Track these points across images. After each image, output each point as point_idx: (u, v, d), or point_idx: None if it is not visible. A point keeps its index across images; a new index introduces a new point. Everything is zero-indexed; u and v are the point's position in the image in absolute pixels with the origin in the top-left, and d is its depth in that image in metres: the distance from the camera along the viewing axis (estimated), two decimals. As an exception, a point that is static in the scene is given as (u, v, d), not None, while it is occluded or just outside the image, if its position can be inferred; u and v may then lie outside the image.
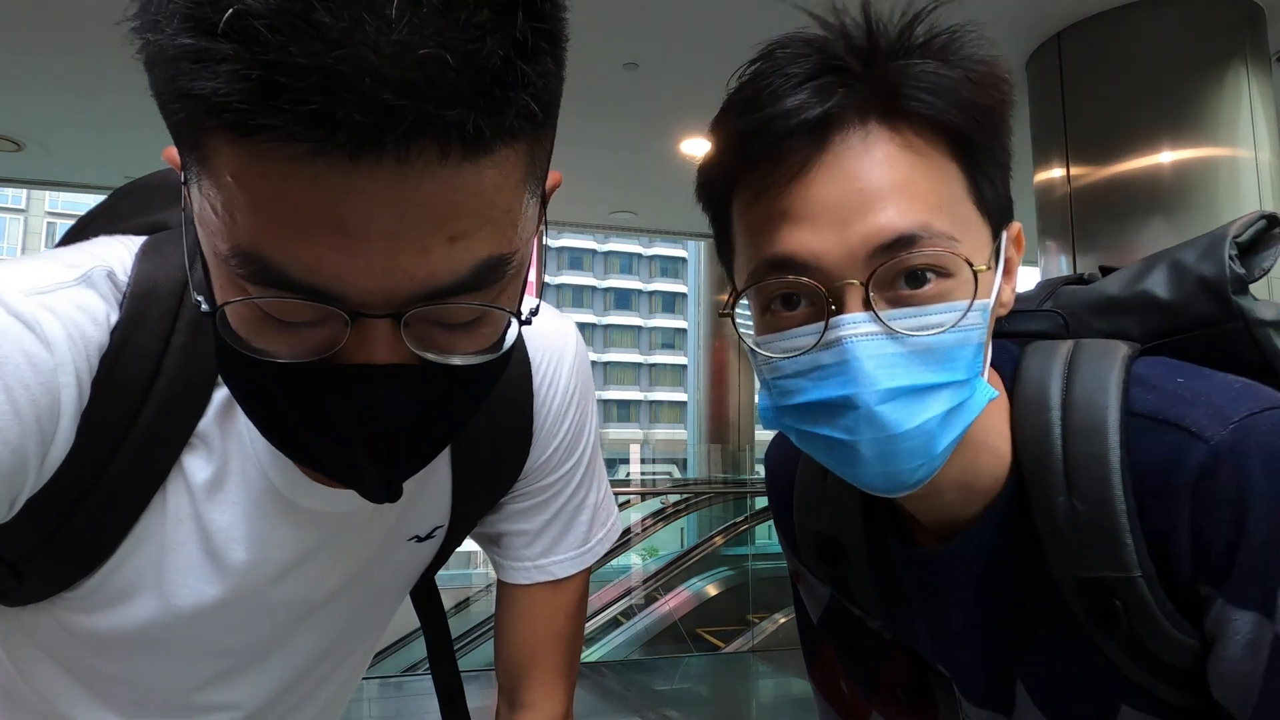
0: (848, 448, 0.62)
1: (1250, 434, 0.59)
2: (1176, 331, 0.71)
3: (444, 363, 0.50)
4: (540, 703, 0.85)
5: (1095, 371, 0.66)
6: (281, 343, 0.48)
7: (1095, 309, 0.75)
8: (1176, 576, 0.62)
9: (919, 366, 0.60)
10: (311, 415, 0.50)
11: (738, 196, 0.66)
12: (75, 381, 0.56)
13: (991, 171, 0.64)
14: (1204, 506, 0.59)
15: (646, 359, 52.89)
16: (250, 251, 0.44)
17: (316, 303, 0.45)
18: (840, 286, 0.60)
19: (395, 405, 0.50)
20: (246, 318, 0.48)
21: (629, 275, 53.44)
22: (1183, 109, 3.45)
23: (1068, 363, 0.68)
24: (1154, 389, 0.64)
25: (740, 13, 3.60)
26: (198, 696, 0.73)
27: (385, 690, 4.90)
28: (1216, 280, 0.68)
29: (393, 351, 0.48)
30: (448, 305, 0.48)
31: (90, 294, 0.58)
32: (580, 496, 0.85)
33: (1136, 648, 0.65)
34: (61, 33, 3.81)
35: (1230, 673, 0.60)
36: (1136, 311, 0.73)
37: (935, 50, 0.62)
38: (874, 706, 0.91)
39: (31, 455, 0.55)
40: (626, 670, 5.67)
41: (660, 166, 5.72)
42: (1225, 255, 0.68)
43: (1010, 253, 0.68)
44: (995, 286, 0.65)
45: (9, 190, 40.36)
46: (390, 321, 0.47)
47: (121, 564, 0.64)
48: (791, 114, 0.60)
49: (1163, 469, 0.61)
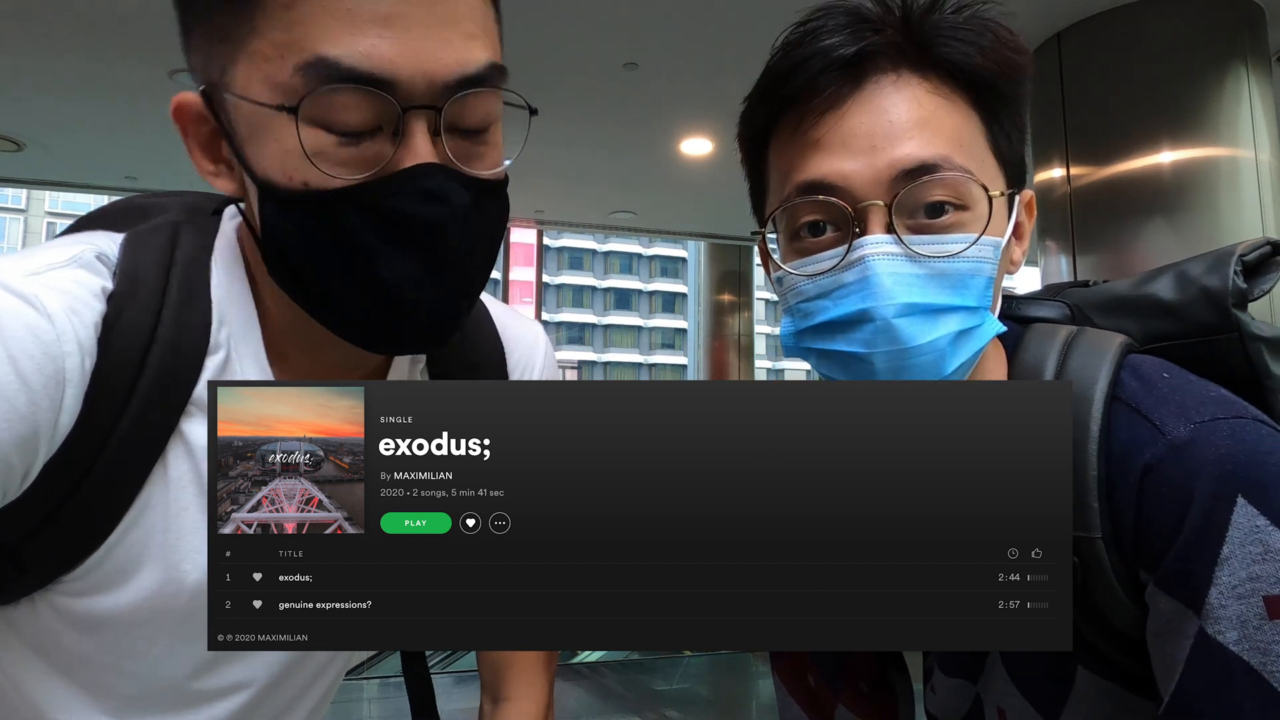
0: (863, 361, 0.66)
1: (1208, 436, 0.62)
2: (1174, 336, 0.75)
3: (472, 173, 0.62)
4: (523, 693, 0.89)
5: (1090, 352, 0.70)
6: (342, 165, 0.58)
7: (1101, 307, 0.79)
8: (1124, 550, 0.65)
9: (934, 288, 0.65)
10: (381, 228, 0.59)
11: (775, 134, 0.72)
12: (78, 350, 0.59)
13: (1009, 126, 0.71)
14: (1149, 496, 0.63)
15: (646, 359, 52.90)
16: (312, 59, 0.56)
17: (372, 88, 0.57)
18: (865, 207, 0.66)
19: (446, 198, 0.60)
20: (312, 146, 0.58)
21: (629, 275, 53.46)
22: (1183, 109, 3.45)
23: (1067, 341, 0.72)
24: (1140, 378, 0.68)
25: (740, 13, 3.60)
26: (194, 683, 0.73)
27: (385, 690, 4.90)
28: (1219, 291, 0.72)
29: (433, 154, 0.60)
30: (477, 94, 0.61)
31: (83, 272, 0.62)
32: None
33: (1088, 606, 0.67)
34: (62, 33, 3.81)
35: (1154, 649, 0.64)
36: (1139, 312, 0.77)
37: (964, 17, 0.70)
38: (839, 699, 0.93)
39: (43, 423, 0.57)
40: (626, 670, 5.67)
41: (660, 166, 5.72)
42: (1230, 270, 0.72)
43: (1022, 217, 0.73)
44: (1008, 231, 0.70)
45: (9, 190, 40.39)
46: (430, 119, 0.59)
47: (124, 537, 0.65)
48: (829, 51, 0.67)
49: (1125, 454, 0.65)
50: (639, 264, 53.83)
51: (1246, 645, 0.58)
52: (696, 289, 9.32)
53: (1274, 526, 0.58)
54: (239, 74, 0.59)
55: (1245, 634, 0.58)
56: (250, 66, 0.59)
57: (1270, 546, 0.58)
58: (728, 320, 8.95)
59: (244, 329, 0.68)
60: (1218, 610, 0.59)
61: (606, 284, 52.90)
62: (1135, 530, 0.64)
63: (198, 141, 0.65)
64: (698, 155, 5.46)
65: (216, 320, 0.67)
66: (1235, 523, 0.59)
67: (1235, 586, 0.58)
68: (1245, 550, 0.58)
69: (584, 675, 5.40)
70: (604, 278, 52.83)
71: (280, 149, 0.59)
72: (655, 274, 53.83)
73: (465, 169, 0.62)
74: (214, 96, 0.62)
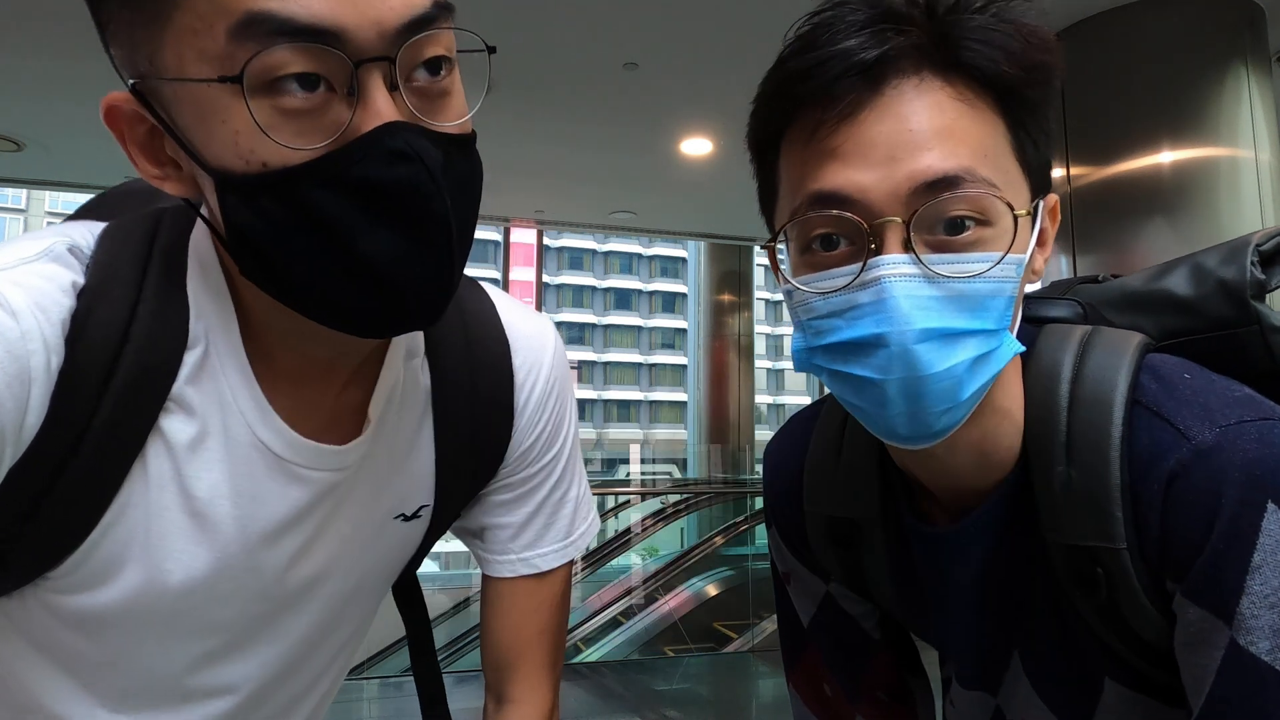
0: (877, 387, 0.63)
1: (1235, 440, 0.60)
2: (1191, 332, 0.72)
3: (439, 127, 0.57)
4: (527, 696, 0.87)
5: (1109, 353, 0.67)
6: (298, 136, 0.54)
7: (1114, 304, 0.77)
8: (1149, 560, 0.63)
9: (952, 311, 0.61)
10: (352, 201, 0.55)
11: (788, 137, 0.67)
12: (44, 348, 0.56)
13: (1035, 133, 0.67)
14: (1176, 504, 0.61)
15: (646, 359, 52.86)
16: (243, 17, 0.51)
17: (316, 42, 0.52)
18: (882, 224, 0.62)
19: (418, 157, 0.55)
20: (265, 121, 0.53)
21: (629, 275, 53.41)
22: (1183, 109, 3.45)
23: (1083, 343, 0.69)
24: (1160, 379, 0.66)
25: (741, 13, 3.60)
26: (188, 680, 0.72)
27: (385, 690, 4.90)
28: (1236, 283, 0.69)
29: (394, 111, 0.55)
30: (429, 36, 0.56)
31: (54, 265, 0.60)
32: (562, 490, 0.87)
33: (1114, 617, 0.66)
34: (62, 33, 3.81)
35: (1183, 659, 0.62)
36: (1154, 309, 0.74)
37: (991, 11, 0.65)
38: (858, 709, 0.92)
39: (8, 423, 0.55)
40: (626, 670, 5.67)
41: (660, 166, 5.72)
42: (1248, 261, 0.69)
43: (1045, 223, 0.69)
44: (1031, 245, 0.66)
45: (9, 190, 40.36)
46: (386, 71, 0.54)
47: (104, 536, 0.63)
48: (849, 54, 0.62)
49: (1149, 459, 0.62)
50: (639, 264, 53.79)
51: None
52: (696, 289, 9.32)
53: None
54: (168, 55, 0.54)
55: (1279, 644, 0.56)
56: (179, 44, 0.53)
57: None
58: (728, 320, 8.94)
59: (223, 323, 0.65)
60: (1250, 620, 0.57)
61: (606, 284, 52.85)
62: (1161, 539, 0.62)
63: (136, 144, 0.60)
64: (698, 155, 5.46)
65: (194, 313, 0.64)
66: (1266, 529, 0.57)
67: (1268, 595, 0.57)
68: (1278, 558, 0.57)
69: (584, 675, 5.40)
70: (604, 278, 52.78)
71: (229, 130, 0.54)
72: (655, 274, 53.79)
73: (431, 123, 0.57)
74: (146, 90, 0.57)
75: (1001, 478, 0.71)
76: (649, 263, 53.69)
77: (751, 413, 8.93)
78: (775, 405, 48.39)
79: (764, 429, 33.69)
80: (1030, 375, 0.70)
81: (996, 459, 0.70)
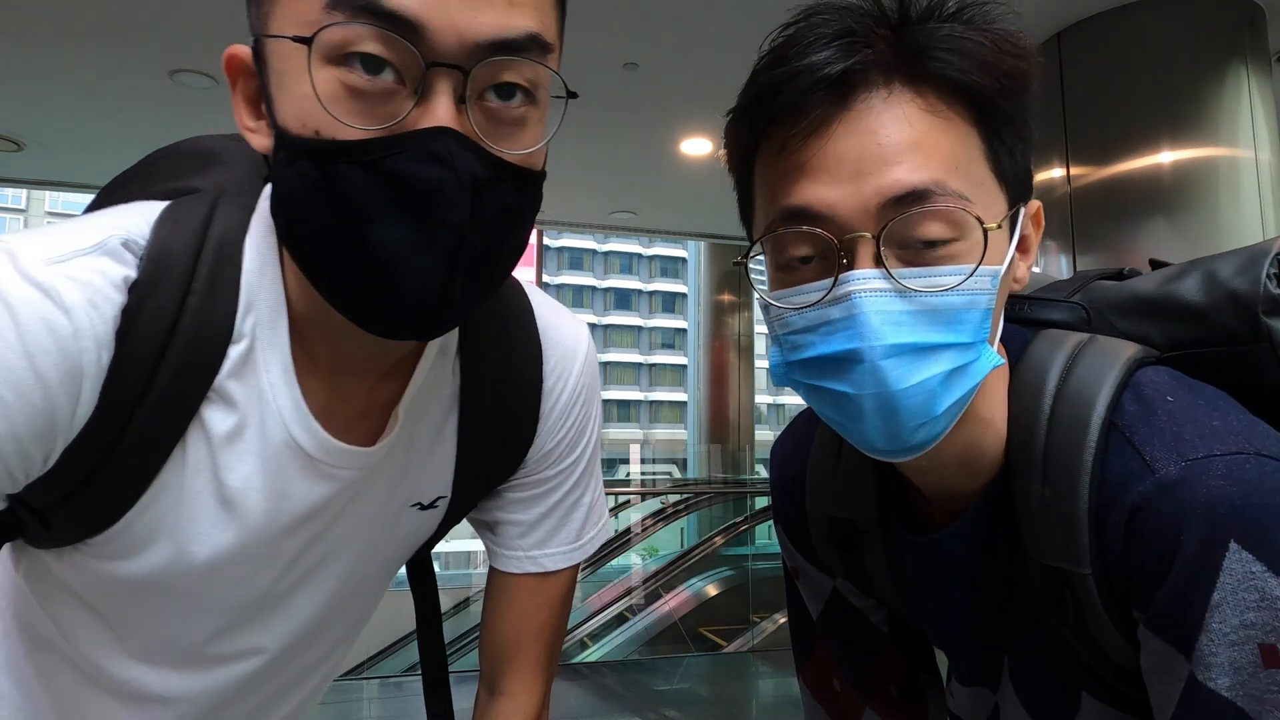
0: (852, 402, 0.63)
1: (1200, 476, 0.58)
2: (1199, 344, 0.69)
3: (493, 148, 0.57)
4: (519, 691, 0.89)
5: (1094, 368, 0.66)
6: (355, 115, 0.55)
7: (1121, 309, 0.75)
8: (1114, 587, 0.63)
9: (925, 325, 0.61)
10: (380, 189, 0.55)
11: (761, 151, 0.67)
12: (95, 345, 0.59)
13: (1012, 142, 0.65)
14: (1137, 537, 0.60)
15: (646, 359, 52.86)
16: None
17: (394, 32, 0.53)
18: (853, 239, 0.61)
19: (451, 164, 0.55)
20: (326, 91, 0.55)
21: (629, 275, 53.41)
22: (1183, 109, 3.45)
23: (1071, 354, 0.68)
24: (1141, 401, 0.64)
25: (741, 13, 3.60)
26: (206, 648, 0.76)
27: (385, 690, 4.90)
28: (1249, 297, 0.67)
29: (454, 119, 0.55)
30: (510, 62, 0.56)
31: (107, 260, 0.61)
32: (577, 494, 0.88)
33: (1084, 637, 0.66)
34: (63, 33, 3.81)
35: (1149, 684, 0.62)
36: (1161, 315, 0.72)
37: (964, 19, 0.64)
38: (869, 705, 0.92)
39: (60, 415, 0.58)
40: (626, 670, 5.67)
41: (660, 166, 5.72)
42: (1263, 273, 0.66)
43: (1028, 230, 0.69)
44: (1008, 256, 0.65)
45: (9, 190, 40.33)
46: (457, 81, 0.55)
47: (141, 514, 0.66)
48: (815, 69, 0.62)
49: (1115, 488, 0.62)
50: (639, 264, 53.78)
51: (1240, 692, 0.55)
52: (696, 289, 9.32)
53: (1271, 573, 0.55)
54: (276, 15, 0.58)
55: (1239, 680, 0.55)
56: (287, 6, 0.57)
57: (1267, 594, 0.55)
58: (728, 320, 8.95)
59: (271, 316, 0.66)
60: (1209, 657, 0.56)
61: (606, 284, 52.85)
62: (1124, 569, 0.61)
63: (244, 96, 0.63)
64: (698, 155, 5.46)
65: (243, 308, 0.65)
66: (1227, 568, 0.55)
67: (1228, 634, 0.56)
68: (1238, 597, 0.55)
69: (584, 675, 5.40)
70: (604, 278, 52.78)
71: (299, 93, 0.56)
72: (655, 274, 53.79)
73: (488, 144, 0.57)
74: (259, 48, 0.60)
75: (986, 483, 0.71)
76: (649, 263, 53.69)
77: (751, 413, 8.93)
78: (775, 405, 48.36)
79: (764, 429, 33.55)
80: (1017, 383, 0.69)
81: (981, 466, 0.70)
